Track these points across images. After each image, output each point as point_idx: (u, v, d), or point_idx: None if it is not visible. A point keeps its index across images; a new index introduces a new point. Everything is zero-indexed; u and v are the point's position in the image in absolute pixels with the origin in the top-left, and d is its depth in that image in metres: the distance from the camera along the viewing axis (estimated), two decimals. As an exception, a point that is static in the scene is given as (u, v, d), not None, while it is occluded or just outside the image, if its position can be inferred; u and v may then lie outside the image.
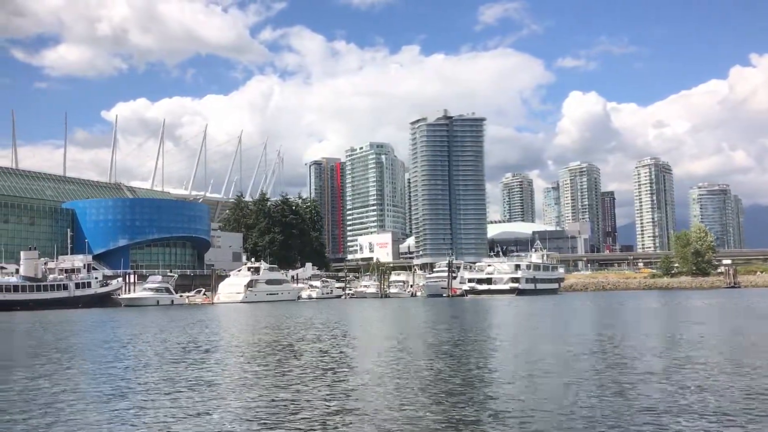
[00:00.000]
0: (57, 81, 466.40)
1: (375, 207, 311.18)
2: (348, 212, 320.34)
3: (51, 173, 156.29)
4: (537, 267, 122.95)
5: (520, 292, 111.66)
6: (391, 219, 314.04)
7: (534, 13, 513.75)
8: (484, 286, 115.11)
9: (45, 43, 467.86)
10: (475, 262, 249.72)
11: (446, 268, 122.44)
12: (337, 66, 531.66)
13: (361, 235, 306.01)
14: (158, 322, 53.12)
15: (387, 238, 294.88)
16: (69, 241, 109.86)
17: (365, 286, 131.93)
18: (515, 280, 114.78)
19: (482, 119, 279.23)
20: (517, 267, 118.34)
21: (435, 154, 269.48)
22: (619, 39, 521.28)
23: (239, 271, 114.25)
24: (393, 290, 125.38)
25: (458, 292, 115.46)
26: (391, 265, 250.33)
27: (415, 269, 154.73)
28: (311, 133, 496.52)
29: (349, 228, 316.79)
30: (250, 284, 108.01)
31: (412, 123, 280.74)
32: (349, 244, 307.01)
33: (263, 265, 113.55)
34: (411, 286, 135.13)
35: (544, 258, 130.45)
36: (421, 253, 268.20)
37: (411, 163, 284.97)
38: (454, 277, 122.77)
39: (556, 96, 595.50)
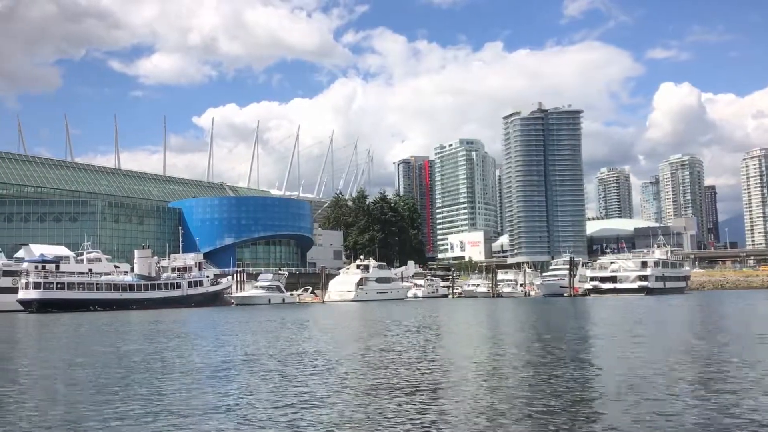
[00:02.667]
0: (151, 89, 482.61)
1: (465, 205, 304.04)
2: (437, 210, 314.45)
3: (154, 173, 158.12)
4: (665, 264, 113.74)
5: (649, 291, 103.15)
6: (482, 217, 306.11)
7: (621, 4, 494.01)
8: (609, 285, 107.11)
9: (140, 53, 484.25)
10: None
11: (564, 266, 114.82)
12: (419, 66, 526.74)
13: (451, 233, 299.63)
14: (295, 321, 49.21)
15: (479, 236, 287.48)
16: (180, 239, 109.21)
17: (475, 285, 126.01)
18: (643, 278, 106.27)
19: (579, 111, 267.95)
20: (644, 264, 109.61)
21: (530, 149, 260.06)
22: (713, 27, 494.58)
23: (348, 269, 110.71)
24: (506, 289, 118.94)
25: (580, 291, 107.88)
26: (484, 264, 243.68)
27: (525, 267, 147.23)
28: (394, 133, 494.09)
29: (438, 226, 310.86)
30: (360, 282, 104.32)
31: (505, 118, 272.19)
32: (438, 242, 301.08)
33: (372, 263, 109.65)
34: (521, 285, 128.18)
35: (668, 254, 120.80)
36: (515, 251, 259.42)
37: (504, 158, 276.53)
38: (572, 276, 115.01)
39: (646, 88, 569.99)
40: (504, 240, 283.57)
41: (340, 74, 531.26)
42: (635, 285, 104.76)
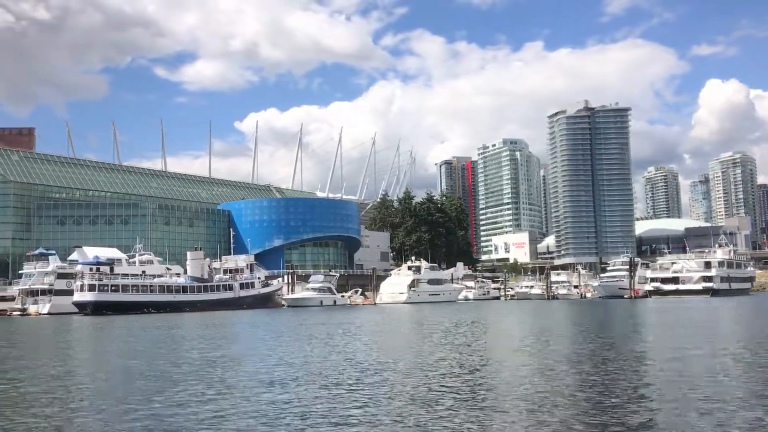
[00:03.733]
0: (194, 95, 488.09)
1: (510, 206, 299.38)
2: (481, 212, 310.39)
3: (202, 176, 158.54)
4: (730, 264, 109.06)
5: (714, 293, 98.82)
6: (527, 218, 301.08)
7: (664, 0, 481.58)
8: (671, 286, 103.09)
9: (183, 60, 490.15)
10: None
11: (622, 267, 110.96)
12: (458, 67, 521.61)
13: (495, 235, 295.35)
14: (364, 324, 47.30)
15: (524, 237, 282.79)
16: (232, 241, 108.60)
17: (528, 286, 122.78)
18: (708, 279, 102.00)
19: (626, 109, 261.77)
20: (708, 264, 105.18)
21: (576, 148, 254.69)
22: (762, 21, 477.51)
23: (399, 270, 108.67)
24: (561, 291, 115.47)
25: (640, 293, 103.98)
26: (530, 265, 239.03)
27: (579, 268, 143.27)
28: (433, 135, 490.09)
29: (482, 228, 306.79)
30: (412, 284, 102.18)
31: (550, 116, 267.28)
32: (482, 244, 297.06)
33: (424, 264, 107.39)
34: (576, 286, 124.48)
35: (731, 254, 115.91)
36: (562, 252, 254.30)
37: (549, 158, 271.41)
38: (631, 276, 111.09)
39: (691, 86, 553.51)
40: (550, 241, 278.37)
41: (379, 77, 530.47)
42: (699, 286, 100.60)
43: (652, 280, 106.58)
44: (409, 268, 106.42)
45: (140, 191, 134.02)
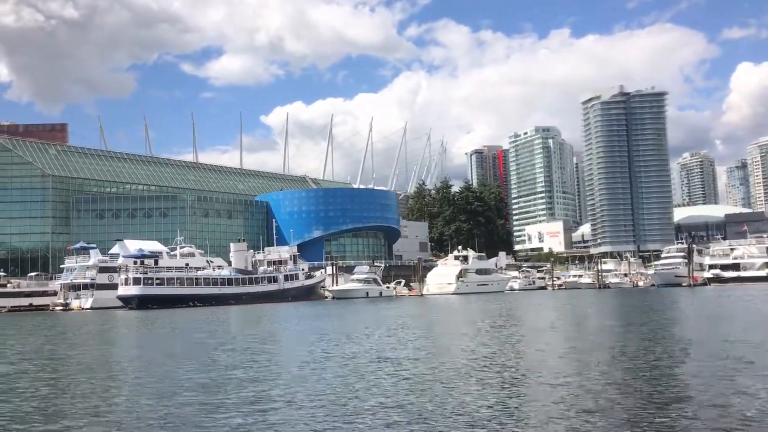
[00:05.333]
0: (220, 90, 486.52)
1: (543, 194, 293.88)
2: (513, 201, 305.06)
3: (238, 168, 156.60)
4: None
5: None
6: (561, 206, 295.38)
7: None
8: (732, 273, 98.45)
9: (209, 55, 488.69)
10: (659, 251, 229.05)
11: (677, 254, 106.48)
12: (484, 56, 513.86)
13: (528, 224, 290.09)
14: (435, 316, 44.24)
15: (558, 226, 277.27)
16: (274, 232, 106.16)
17: (577, 275, 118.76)
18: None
19: (663, 93, 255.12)
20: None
21: (611, 135, 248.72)
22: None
23: (446, 261, 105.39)
24: (613, 280, 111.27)
25: (699, 280, 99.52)
26: (565, 254, 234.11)
27: (627, 256, 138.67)
28: (459, 125, 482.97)
29: (515, 217, 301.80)
30: (460, 274, 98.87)
31: (584, 103, 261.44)
32: (515, 234, 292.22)
33: (471, 254, 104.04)
34: (626, 275, 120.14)
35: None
36: (599, 241, 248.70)
37: (583, 145, 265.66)
38: (687, 263, 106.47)
39: (722, 70, 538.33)
40: (585, 230, 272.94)
41: (404, 68, 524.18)
42: (763, 272, 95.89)
43: (711, 267, 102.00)
44: (456, 257, 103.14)
45: (178, 183, 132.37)
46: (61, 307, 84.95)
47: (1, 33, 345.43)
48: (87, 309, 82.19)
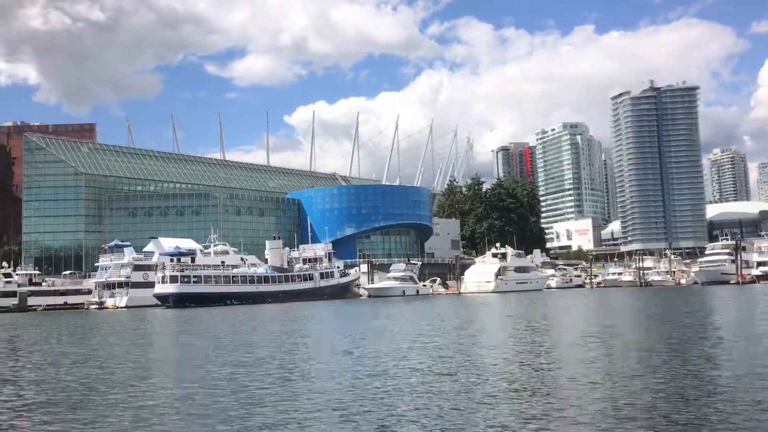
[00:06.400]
0: (244, 91, 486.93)
1: (571, 192, 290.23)
2: (541, 198, 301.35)
3: (269, 165, 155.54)
4: None
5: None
6: (589, 204, 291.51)
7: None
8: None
9: (233, 56, 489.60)
10: (693, 248, 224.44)
11: (722, 251, 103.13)
12: (506, 53, 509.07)
13: (556, 222, 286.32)
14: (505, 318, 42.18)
15: (587, 224, 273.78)
16: (309, 229, 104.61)
17: (617, 273, 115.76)
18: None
19: (695, 88, 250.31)
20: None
21: (642, 130, 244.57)
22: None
23: (484, 258, 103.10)
24: (655, 278, 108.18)
25: (747, 278, 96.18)
26: (594, 252, 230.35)
27: (668, 254, 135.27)
28: (481, 122, 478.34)
29: (542, 215, 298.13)
30: (499, 272, 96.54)
31: (613, 98, 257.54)
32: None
33: (510, 251, 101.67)
34: (667, 272, 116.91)
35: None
36: (629, 239, 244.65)
37: (613, 141, 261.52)
38: (733, 261, 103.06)
39: (750, 65, 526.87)
40: (614, 227, 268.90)
41: (426, 66, 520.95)
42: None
43: (760, 264, 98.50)
44: (494, 255, 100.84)
45: (208, 181, 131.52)
46: (96, 306, 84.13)
47: (30, 36, 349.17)
48: (122, 308, 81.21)
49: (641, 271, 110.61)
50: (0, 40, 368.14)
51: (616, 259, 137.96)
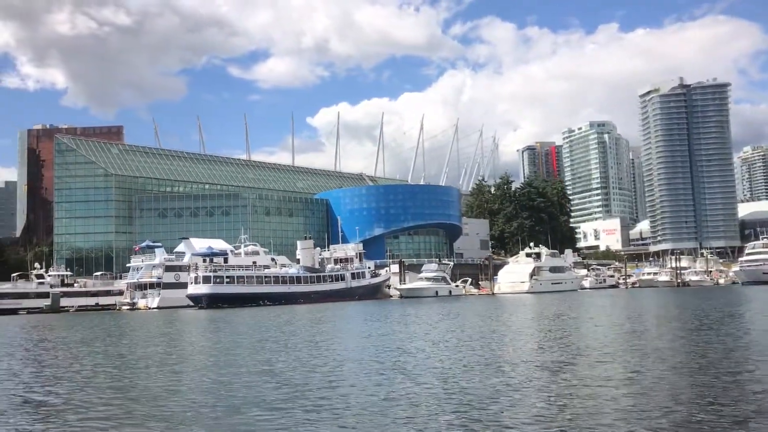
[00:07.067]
0: (267, 93, 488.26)
1: (599, 191, 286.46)
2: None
3: (297, 166, 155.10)
4: None
5: None
6: (617, 203, 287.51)
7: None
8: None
9: (256, 58, 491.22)
10: (724, 247, 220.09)
11: (764, 250, 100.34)
12: (529, 53, 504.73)
13: (583, 221, 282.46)
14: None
15: (615, 224, 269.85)
16: (339, 229, 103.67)
17: (653, 273, 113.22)
18: None
19: (726, 85, 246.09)
20: None
21: (671, 128, 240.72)
22: None
23: (518, 258, 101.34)
24: (693, 278, 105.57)
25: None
26: (622, 252, 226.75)
27: (705, 253, 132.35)
28: (505, 122, 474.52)
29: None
30: (533, 272, 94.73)
31: (642, 96, 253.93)
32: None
33: (544, 251, 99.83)
34: (706, 272, 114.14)
35: None
36: (659, 238, 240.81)
37: (641, 140, 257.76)
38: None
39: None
40: (643, 227, 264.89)
41: (449, 66, 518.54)
42: None
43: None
44: (528, 255, 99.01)
45: (237, 182, 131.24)
46: (128, 307, 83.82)
47: (57, 42, 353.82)
48: (153, 308, 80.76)
49: (678, 271, 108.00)
50: (29, 46, 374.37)
51: (651, 259, 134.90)
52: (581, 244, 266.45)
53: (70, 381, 17.99)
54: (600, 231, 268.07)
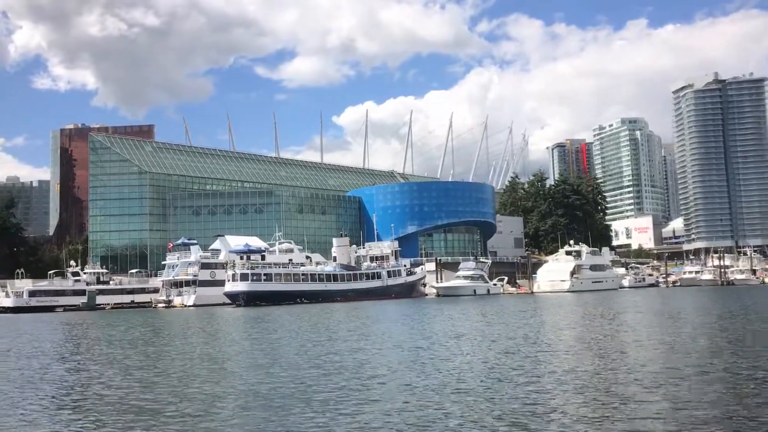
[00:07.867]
0: (293, 92, 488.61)
1: (631, 189, 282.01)
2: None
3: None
4: None
5: None
6: (649, 201, 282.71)
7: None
8: None
9: (282, 58, 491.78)
10: (762, 246, 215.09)
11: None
12: (557, 50, 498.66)
13: (615, 220, 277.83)
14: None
15: (647, 222, 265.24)
16: (375, 227, 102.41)
17: (695, 271, 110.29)
18: None
19: (763, 79, 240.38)
20: None
21: (706, 124, 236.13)
22: None
23: (557, 256, 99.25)
24: (738, 276, 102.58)
25: None
26: (655, 251, 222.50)
27: (748, 252, 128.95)
28: (532, 120, 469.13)
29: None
30: (574, 271, 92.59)
31: (675, 92, 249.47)
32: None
33: (584, 249, 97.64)
34: (752, 271, 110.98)
35: None
36: (693, 236, 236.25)
37: (675, 136, 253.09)
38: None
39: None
40: (676, 225, 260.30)
41: (475, 64, 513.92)
42: None
43: None
44: (568, 253, 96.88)
45: (270, 180, 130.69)
46: (164, 304, 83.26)
47: (87, 43, 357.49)
48: (189, 306, 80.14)
49: (722, 270, 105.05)
50: (60, 47, 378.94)
51: (692, 257, 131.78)
52: (613, 242, 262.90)
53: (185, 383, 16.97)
54: (632, 229, 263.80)
